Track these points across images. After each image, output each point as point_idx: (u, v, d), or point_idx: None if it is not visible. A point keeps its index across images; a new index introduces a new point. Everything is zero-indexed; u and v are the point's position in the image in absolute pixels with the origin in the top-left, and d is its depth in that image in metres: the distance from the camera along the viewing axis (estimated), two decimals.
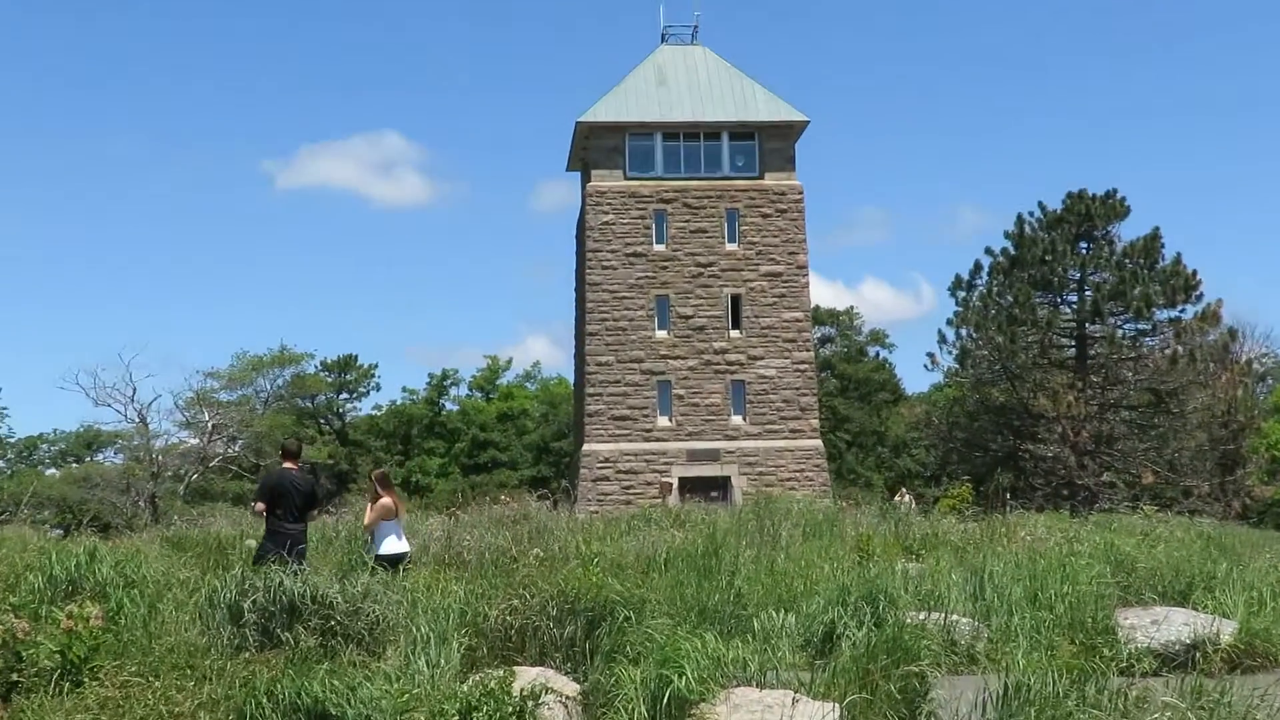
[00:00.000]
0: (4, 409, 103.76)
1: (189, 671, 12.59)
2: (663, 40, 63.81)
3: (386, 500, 19.83)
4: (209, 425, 78.77)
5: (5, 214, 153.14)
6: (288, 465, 19.31)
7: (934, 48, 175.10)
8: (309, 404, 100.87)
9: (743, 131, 60.28)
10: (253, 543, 20.72)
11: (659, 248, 58.93)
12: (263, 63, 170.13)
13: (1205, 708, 10.43)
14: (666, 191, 59.31)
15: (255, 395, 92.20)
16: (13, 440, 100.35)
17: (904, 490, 53.61)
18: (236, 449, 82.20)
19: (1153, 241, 67.58)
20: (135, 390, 75.29)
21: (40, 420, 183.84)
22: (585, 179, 61.11)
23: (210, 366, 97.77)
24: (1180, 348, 65.97)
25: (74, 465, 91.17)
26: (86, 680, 12.43)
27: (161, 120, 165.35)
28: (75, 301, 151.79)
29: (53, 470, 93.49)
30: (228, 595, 14.96)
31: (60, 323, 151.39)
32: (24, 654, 12.82)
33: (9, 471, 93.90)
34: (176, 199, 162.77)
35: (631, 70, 62.27)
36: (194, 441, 78.90)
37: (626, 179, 59.53)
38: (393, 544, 19.53)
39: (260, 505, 19.15)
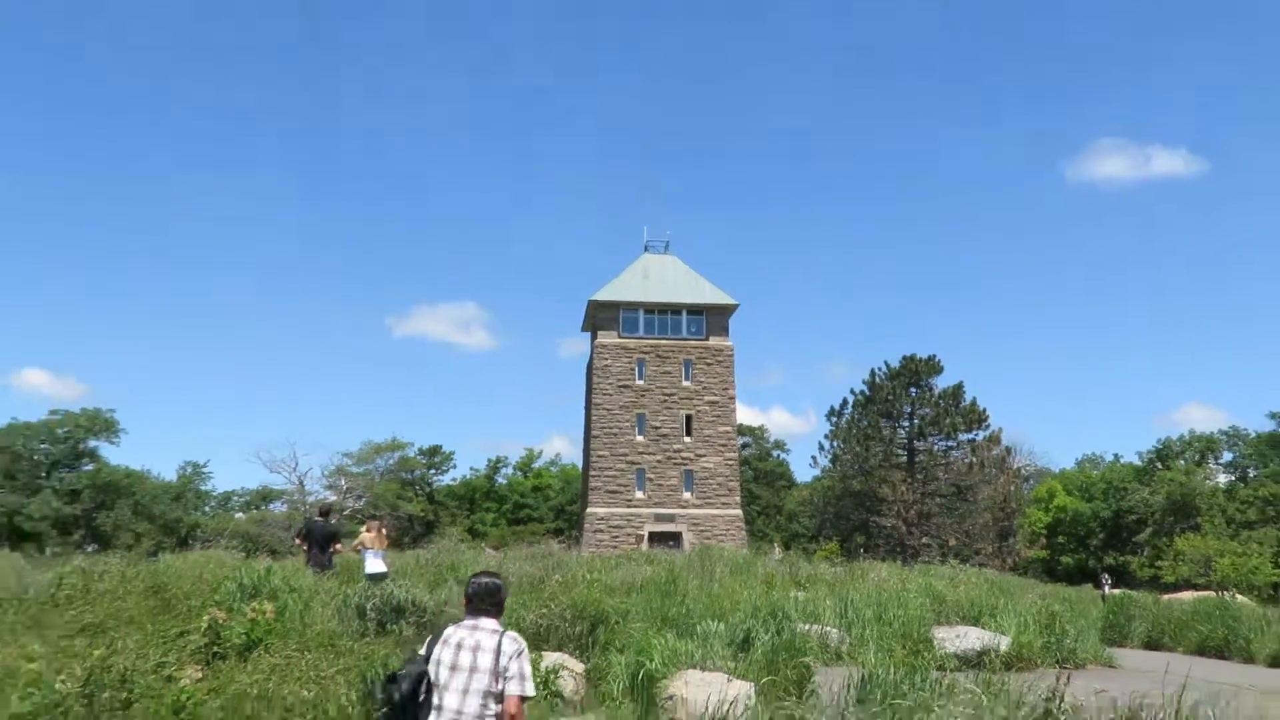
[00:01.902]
0: (207, 470, 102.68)
1: (330, 649, 12.49)
2: (645, 249, 64.18)
3: (362, 535, 20.00)
4: (344, 487, 78.90)
5: (212, 351, 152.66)
6: (319, 517, 20.25)
7: (824, 245, 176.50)
8: (409, 476, 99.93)
9: (696, 309, 60.45)
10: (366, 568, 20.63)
11: (640, 383, 58.90)
12: (394, 242, 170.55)
13: (992, 693, 10.39)
14: (645, 347, 59.42)
15: (374, 469, 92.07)
16: (216, 493, 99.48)
17: (775, 546, 53.57)
18: (360, 503, 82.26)
19: (958, 389, 68.09)
20: (298, 463, 75.69)
21: (232, 479, 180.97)
22: (594, 337, 61.26)
23: (346, 449, 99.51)
24: (974, 459, 66.53)
25: (254, 510, 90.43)
26: (261, 653, 12.34)
27: (320, 287, 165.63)
28: (257, 404, 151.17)
29: (240, 514, 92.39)
30: (356, 599, 14.87)
31: (247, 414, 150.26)
32: (222, 634, 12.73)
33: (211, 514, 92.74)
34: (330, 340, 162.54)
35: (625, 268, 62.69)
36: (334, 498, 78.73)
37: (620, 338, 59.61)
38: (369, 564, 19.36)
39: (298, 540, 20.66)
